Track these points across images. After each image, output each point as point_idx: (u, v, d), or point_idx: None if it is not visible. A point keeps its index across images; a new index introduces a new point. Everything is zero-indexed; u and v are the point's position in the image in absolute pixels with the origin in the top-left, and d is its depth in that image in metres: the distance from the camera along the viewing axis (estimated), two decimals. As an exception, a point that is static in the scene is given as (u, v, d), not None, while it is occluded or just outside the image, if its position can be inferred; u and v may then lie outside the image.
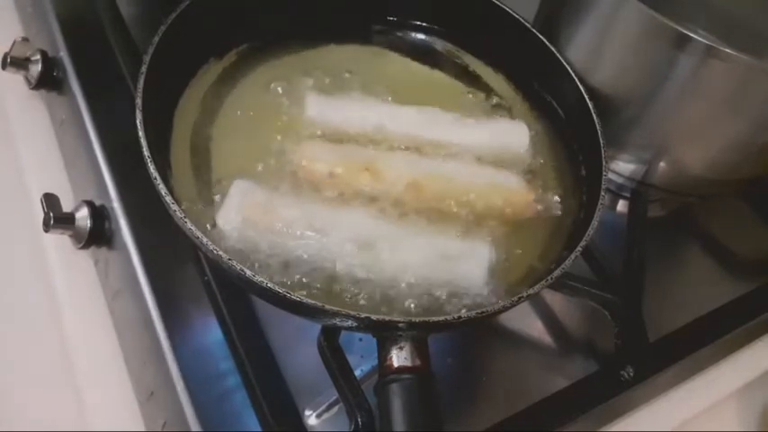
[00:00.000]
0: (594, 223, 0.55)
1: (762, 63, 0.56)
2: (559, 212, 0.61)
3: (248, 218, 0.54)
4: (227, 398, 0.54)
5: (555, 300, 0.67)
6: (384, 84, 0.67)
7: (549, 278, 0.51)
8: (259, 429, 0.53)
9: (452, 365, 0.61)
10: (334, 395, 0.54)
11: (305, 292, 0.51)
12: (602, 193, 0.57)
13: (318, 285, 0.52)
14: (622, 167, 0.70)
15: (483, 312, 0.48)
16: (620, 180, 0.73)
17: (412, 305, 0.52)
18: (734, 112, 0.61)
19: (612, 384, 0.59)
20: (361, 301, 0.52)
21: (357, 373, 0.54)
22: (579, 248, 0.52)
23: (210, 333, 0.57)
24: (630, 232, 0.69)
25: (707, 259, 0.75)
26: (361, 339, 0.59)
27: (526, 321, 0.66)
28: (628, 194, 0.74)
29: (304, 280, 0.52)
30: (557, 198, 0.62)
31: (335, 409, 0.56)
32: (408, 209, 0.58)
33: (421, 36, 0.72)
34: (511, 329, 0.65)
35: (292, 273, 0.53)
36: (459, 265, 0.54)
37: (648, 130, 0.65)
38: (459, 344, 0.63)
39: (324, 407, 0.56)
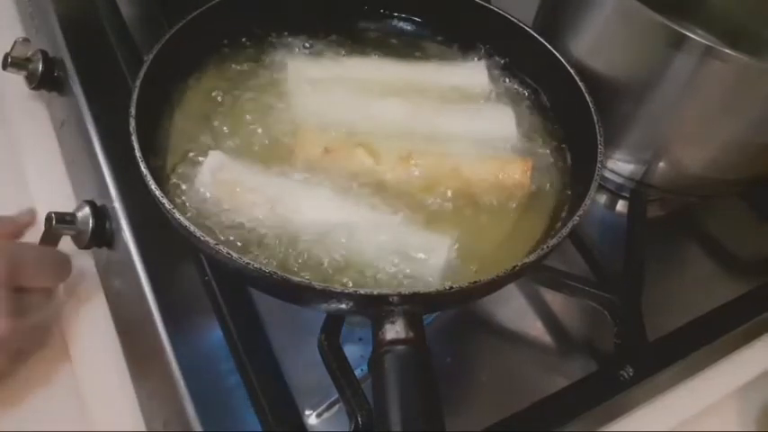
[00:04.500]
0: (591, 194, 0.54)
1: (761, 63, 0.56)
2: (551, 200, 0.60)
3: (215, 195, 0.55)
4: (228, 398, 0.54)
5: (555, 300, 0.67)
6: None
7: (545, 246, 0.50)
8: (259, 429, 0.53)
9: (452, 365, 0.61)
10: (335, 395, 0.54)
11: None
12: (596, 175, 0.55)
13: (275, 268, 0.51)
14: (622, 167, 0.70)
15: (476, 282, 0.47)
16: (619, 180, 0.73)
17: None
18: (733, 112, 0.61)
19: (612, 384, 0.59)
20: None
21: (357, 372, 0.54)
22: (577, 217, 0.52)
23: (211, 333, 0.57)
24: (630, 232, 0.69)
25: (707, 259, 0.75)
26: (360, 339, 0.60)
27: (526, 321, 0.66)
28: (627, 194, 0.74)
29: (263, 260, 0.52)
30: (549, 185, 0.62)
31: (335, 408, 0.56)
32: (391, 191, 0.58)
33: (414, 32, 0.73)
34: (511, 329, 0.65)
35: (253, 253, 0.53)
36: (414, 259, 0.53)
37: (647, 129, 0.65)
38: (458, 344, 0.63)
39: (324, 406, 0.56)
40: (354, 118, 0.63)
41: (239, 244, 0.53)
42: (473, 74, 0.68)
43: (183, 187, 0.55)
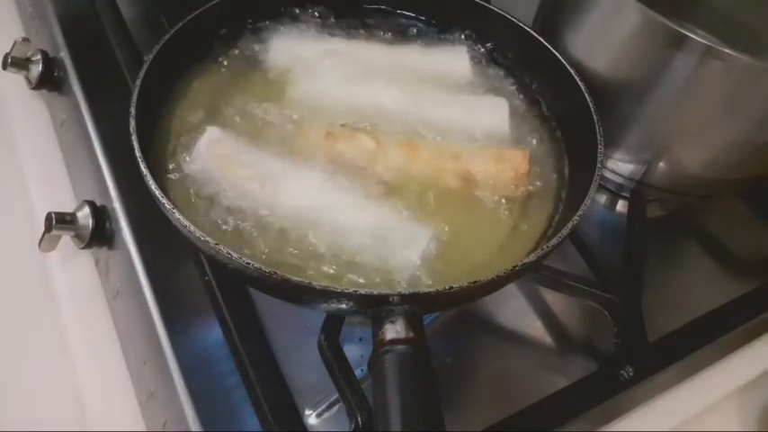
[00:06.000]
0: (591, 193, 0.54)
1: (760, 63, 0.56)
2: (550, 199, 0.60)
3: (209, 167, 0.55)
4: (228, 398, 0.54)
5: (555, 300, 0.67)
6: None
7: (545, 246, 0.50)
8: (259, 429, 0.53)
9: (452, 365, 0.61)
10: (335, 395, 0.54)
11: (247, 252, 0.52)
12: (596, 175, 0.56)
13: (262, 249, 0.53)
14: (622, 167, 0.70)
15: (476, 282, 0.47)
16: (619, 180, 0.73)
17: (349, 277, 0.52)
18: (733, 112, 0.61)
19: (612, 384, 0.59)
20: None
21: (357, 372, 0.54)
22: (577, 217, 0.52)
23: (210, 333, 0.57)
24: (630, 232, 0.69)
25: (707, 259, 0.75)
26: (360, 339, 0.60)
27: (526, 321, 0.66)
28: (627, 194, 0.74)
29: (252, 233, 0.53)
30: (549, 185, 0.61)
31: (335, 408, 0.56)
32: (386, 178, 0.58)
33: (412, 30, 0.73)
34: (511, 329, 0.65)
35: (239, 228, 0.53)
36: (391, 247, 0.53)
37: (647, 129, 0.65)
38: (458, 344, 0.63)
39: (324, 406, 0.56)
40: (353, 105, 0.63)
41: (229, 226, 0.53)
42: (455, 56, 0.69)
43: (181, 163, 0.56)
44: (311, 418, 0.56)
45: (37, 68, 0.76)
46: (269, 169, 0.56)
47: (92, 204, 0.65)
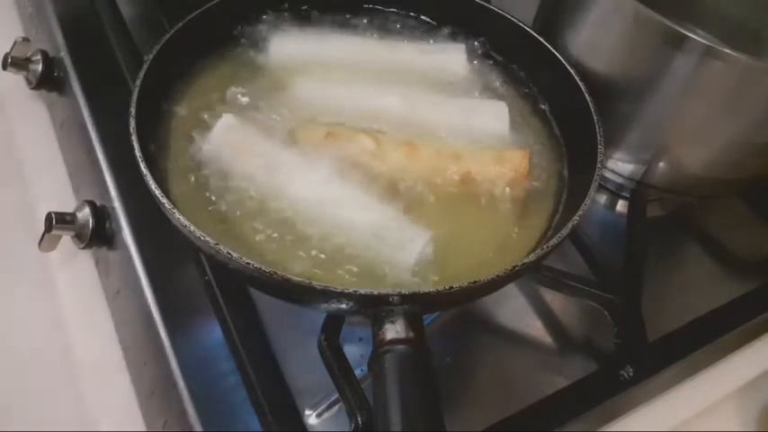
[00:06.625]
0: (591, 193, 0.54)
1: (761, 63, 0.56)
2: (550, 200, 0.60)
3: (221, 154, 0.56)
4: (228, 398, 0.55)
5: (555, 300, 0.67)
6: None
7: (545, 246, 0.50)
8: (259, 429, 0.53)
9: (452, 365, 0.61)
10: (335, 395, 0.54)
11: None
12: (596, 175, 0.56)
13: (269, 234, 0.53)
14: (622, 167, 0.70)
15: (476, 282, 0.47)
16: (619, 180, 0.73)
17: (346, 275, 0.52)
18: (733, 111, 0.61)
19: (612, 384, 0.59)
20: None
21: (357, 372, 0.54)
22: (577, 217, 0.52)
23: (211, 333, 0.57)
24: (630, 232, 0.69)
25: (707, 259, 0.75)
26: (360, 339, 0.60)
27: (526, 321, 0.66)
28: (627, 194, 0.75)
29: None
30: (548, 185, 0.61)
31: (335, 408, 0.56)
32: (387, 178, 0.58)
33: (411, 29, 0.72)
34: (510, 329, 0.65)
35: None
36: (389, 248, 0.53)
37: (647, 129, 0.65)
38: (458, 344, 0.63)
39: (324, 406, 0.56)
40: (353, 105, 0.63)
41: (238, 213, 0.54)
42: (454, 56, 0.69)
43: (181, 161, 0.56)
44: (311, 418, 0.56)
45: (37, 68, 0.76)
46: (279, 160, 0.57)
47: (92, 204, 0.65)
